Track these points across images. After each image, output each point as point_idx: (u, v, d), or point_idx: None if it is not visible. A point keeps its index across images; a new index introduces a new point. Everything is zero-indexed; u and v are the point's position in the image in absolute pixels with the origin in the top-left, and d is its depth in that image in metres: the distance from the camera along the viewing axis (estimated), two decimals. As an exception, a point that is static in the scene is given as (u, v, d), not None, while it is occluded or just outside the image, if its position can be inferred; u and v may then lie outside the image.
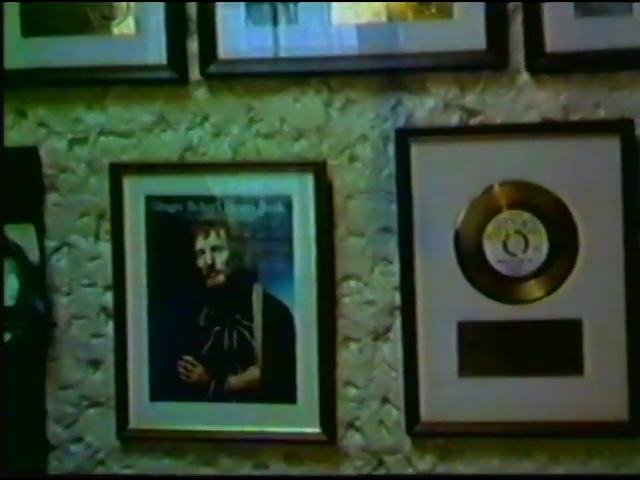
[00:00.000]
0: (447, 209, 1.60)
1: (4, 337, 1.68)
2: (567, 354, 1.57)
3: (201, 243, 1.66)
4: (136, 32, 1.67)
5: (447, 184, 1.60)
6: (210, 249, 1.66)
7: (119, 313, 1.68)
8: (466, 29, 1.58)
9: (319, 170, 1.62)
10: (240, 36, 1.64)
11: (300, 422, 1.63)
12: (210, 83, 1.66)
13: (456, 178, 1.59)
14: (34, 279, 1.70)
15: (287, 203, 1.63)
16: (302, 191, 1.63)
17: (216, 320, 1.66)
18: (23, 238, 1.70)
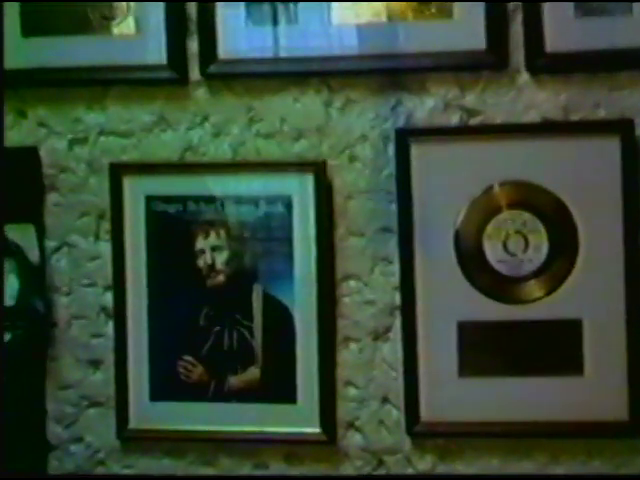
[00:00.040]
0: (447, 209, 1.59)
1: (4, 337, 1.68)
2: (567, 354, 1.57)
3: (201, 243, 1.66)
4: (136, 32, 1.67)
5: (447, 184, 1.59)
6: (210, 249, 1.66)
7: (119, 313, 1.68)
8: (466, 29, 1.58)
9: (319, 170, 1.62)
10: (240, 36, 1.64)
11: (300, 422, 1.63)
12: (210, 83, 1.66)
13: (456, 178, 1.59)
14: (34, 279, 1.70)
15: (287, 203, 1.63)
16: (302, 191, 1.62)
17: (216, 320, 1.65)
18: (23, 238, 1.70)
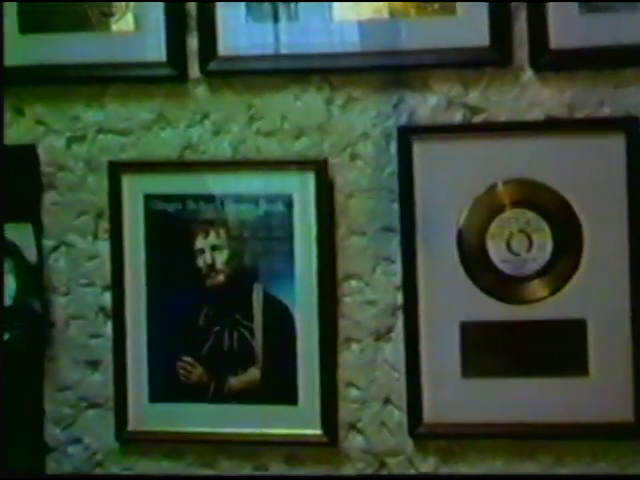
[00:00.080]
0: (450, 208, 1.59)
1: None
2: (571, 354, 1.56)
3: (201, 242, 1.65)
4: (135, 29, 1.66)
5: (450, 182, 1.59)
6: (210, 248, 1.65)
7: (118, 313, 1.67)
8: (469, 25, 1.57)
9: (320, 168, 1.61)
10: (240, 33, 1.63)
11: (301, 423, 1.62)
12: (210, 80, 1.66)
13: (459, 176, 1.58)
14: (32, 279, 1.69)
15: (288, 202, 1.62)
16: (303, 190, 1.62)
17: (216, 320, 1.65)
18: (21, 237, 1.69)
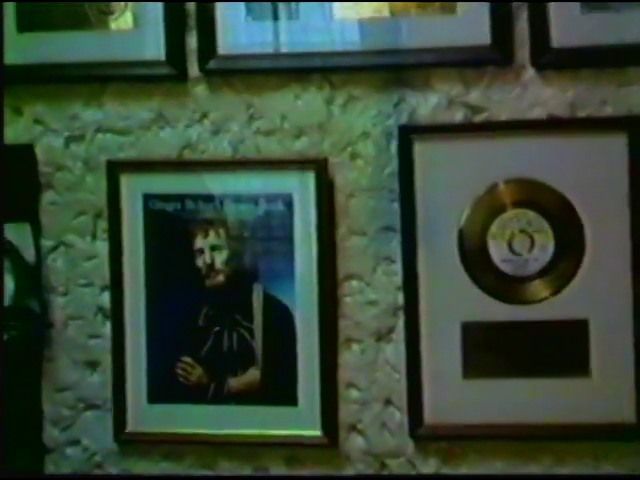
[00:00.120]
0: (451, 207, 1.58)
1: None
2: (573, 355, 1.56)
3: (200, 242, 1.65)
4: (134, 27, 1.65)
5: (451, 182, 1.58)
6: (209, 248, 1.65)
7: (116, 314, 1.67)
8: (470, 24, 1.56)
9: (320, 168, 1.60)
10: (240, 31, 1.63)
11: (301, 425, 1.61)
12: (209, 79, 1.65)
13: (460, 176, 1.58)
14: (30, 279, 1.69)
15: (288, 201, 1.62)
16: (303, 189, 1.61)
17: (215, 321, 1.64)
18: (19, 237, 1.69)
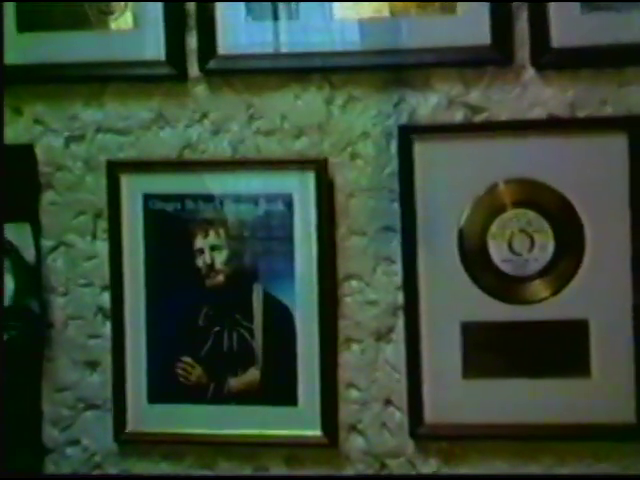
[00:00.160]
0: (451, 208, 1.58)
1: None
2: (573, 355, 1.55)
3: (200, 242, 1.65)
4: (134, 27, 1.65)
5: (451, 182, 1.58)
6: (209, 248, 1.64)
7: (116, 314, 1.66)
8: (470, 24, 1.56)
9: (320, 168, 1.60)
10: (240, 31, 1.62)
11: (301, 425, 1.61)
12: (209, 79, 1.65)
13: (460, 176, 1.57)
14: (30, 279, 1.69)
15: (288, 201, 1.62)
16: (303, 189, 1.61)
17: (215, 321, 1.64)
18: (19, 237, 1.68)
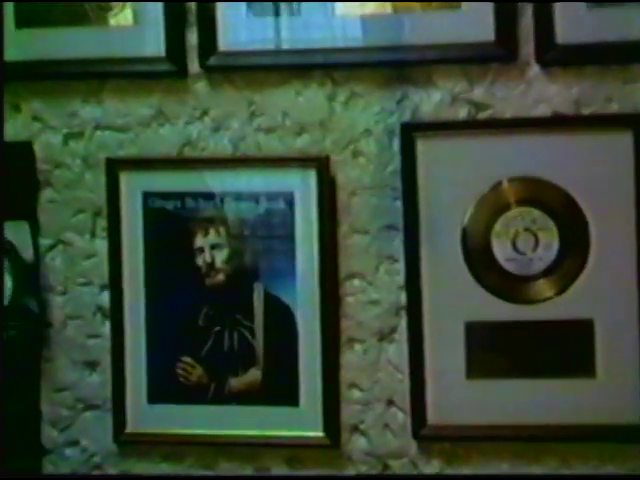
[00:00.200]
0: (454, 206, 1.57)
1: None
2: (578, 355, 1.55)
3: (200, 241, 1.64)
4: (134, 23, 1.65)
5: (454, 180, 1.57)
6: (209, 247, 1.64)
7: (116, 313, 1.66)
8: (474, 20, 1.55)
9: (322, 166, 1.59)
10: (241, 27, 1.62)
11: (303, 425, 1.61)
12: (210, 76, 1.64)
13: (463, 174, 1.57)
14: (28, 278, 1.68)
15: (289, 199, 1.61)
16: (304, 187, 1.60)
17: (216, 320, 1.63)
18: (17, 236, 1.68)
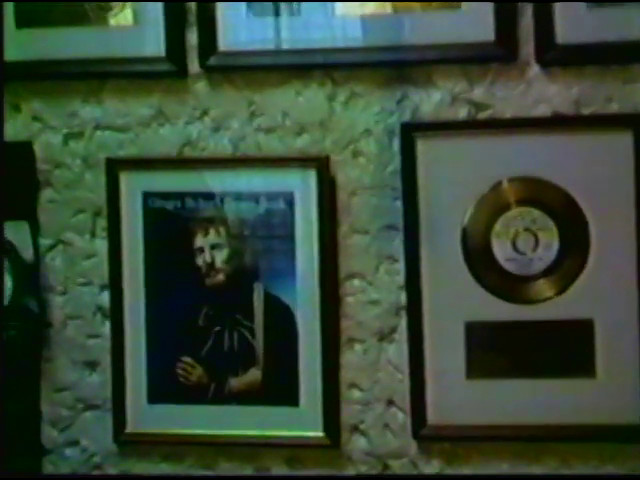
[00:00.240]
0: (454, 206, 1.57)
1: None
2: (578, 355, 1.54)
3: (200, 241, 1.64)
4: (134, 23, 1.64)
5: (454, 180, 1.57)
6: (209, 247, 1.64)
7: (116, 313, 1.66)
8: (474, 20, 1.55)
9: (322, 166, 1.59)
10: (241, 27, 1.62)
11: (303, 425, 1.60)
12: (210, 76, 1.64)
13: (463, 174, 1.57)
14: (28, 278, 1.68)
15: (289, 199, 1.61)
16: (304, 187, 1.60)
17: (216, 320, 1.63)
18: (17, 236, 1.68)
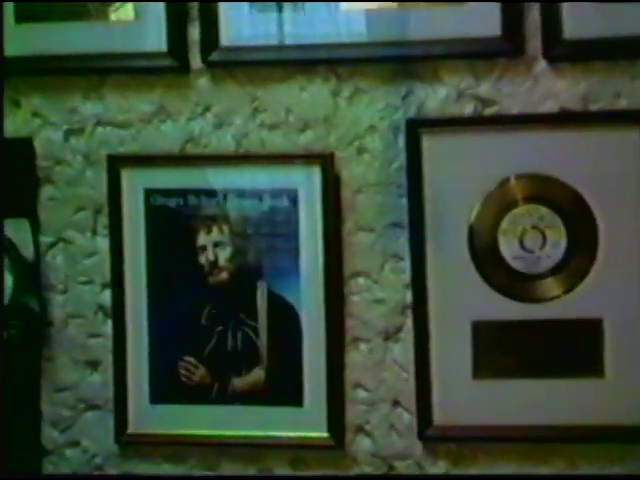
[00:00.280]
0: (460, 203, 1.56)
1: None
2: (587, 355, 1.54)
3: (203, 239, 1.63)
4: (135, 18, 1.64)
5: (460, 177, 1.56)
6: (212, 245, 1.63)
7: (117, 312, 1.65)
8: (480, 15, 1.53)
9: (326, 162, 1.58)
10: (243, 22, 1.61)
11: (307, 426, 1.60)
12: (212, 71, 1.63)
13: (470, 171, 1.56)
14: (28, 276, 1.67)
15: (293, 197, 1.60)
16: (308, 184, 1.59)
17: (219, 319, 1.63)
18: (17, 233, 1.67)
